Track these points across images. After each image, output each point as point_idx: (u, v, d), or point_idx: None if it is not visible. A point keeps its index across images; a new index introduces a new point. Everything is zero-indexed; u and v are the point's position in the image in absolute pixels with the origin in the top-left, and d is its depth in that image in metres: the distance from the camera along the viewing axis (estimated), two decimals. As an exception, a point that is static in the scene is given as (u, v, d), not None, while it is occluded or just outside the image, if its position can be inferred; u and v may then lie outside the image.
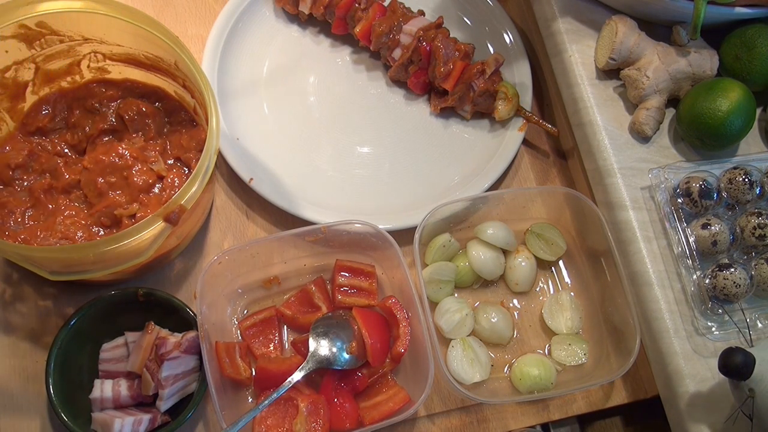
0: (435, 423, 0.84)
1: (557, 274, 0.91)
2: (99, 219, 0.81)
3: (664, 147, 0.88)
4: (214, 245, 0.88)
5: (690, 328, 0.80)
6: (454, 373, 0.81)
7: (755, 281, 0.80)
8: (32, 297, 0.83)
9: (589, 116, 0.88)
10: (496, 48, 1.00)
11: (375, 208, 0.91)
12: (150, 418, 0.75)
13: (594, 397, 0.86)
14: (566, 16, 0.92)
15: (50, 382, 0.74)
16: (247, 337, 0.82)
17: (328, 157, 0.94)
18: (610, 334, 0.85)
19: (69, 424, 0.73)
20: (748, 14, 0.86)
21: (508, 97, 0.93)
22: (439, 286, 0.86)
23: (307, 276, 0.87)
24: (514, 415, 0.85)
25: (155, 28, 0.75)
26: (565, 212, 0.91)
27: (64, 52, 0.82)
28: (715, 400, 0.76)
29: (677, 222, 0.82)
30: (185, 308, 0.79)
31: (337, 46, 1.00)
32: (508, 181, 0.96)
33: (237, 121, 0.92)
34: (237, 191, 0.91)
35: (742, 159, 0.87)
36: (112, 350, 0.79)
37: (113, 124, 0.86)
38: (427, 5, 1.02)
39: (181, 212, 0.69)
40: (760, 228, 0.81)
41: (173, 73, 0.82)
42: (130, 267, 0.72)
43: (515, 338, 0.87)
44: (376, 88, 0.99)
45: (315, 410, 0.75)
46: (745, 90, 0.83)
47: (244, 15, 0.97)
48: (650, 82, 0.86)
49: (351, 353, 0.79)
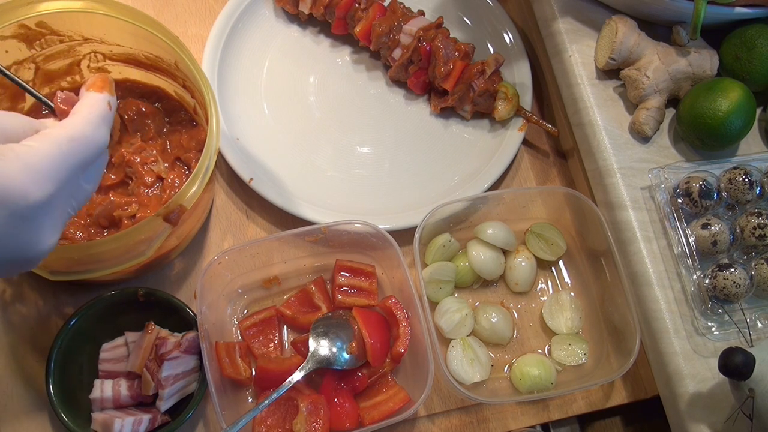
0: (435, 423, 0.84)
1: (557, 274, 0.91)
2: (98, 219, 0.81)
3: (664, 147, 0.88)
4: (214, 245, 0.88)
5: (690, 328, 0.80)
6: (454, 373, 0.81)
7: (755, 281, 0.80)
8: (32, 297, 0.83)
9: (589, 116, 0.88)
10: (496, 48, 1.00)
11: (375, 208, 0.91)
12: (150, 418, 0.75)
13: (594, 397, 0.86)
14: (566, 16, 0.92)
15: (50, 382, 0.75)
16: (247, 337, 0.82)
17: (328, 157, 0.94)
18: (610, 334, 0.85)
19: (69, 424, 0.73)
20: (748, 14, 0.86)
21: (508, 97, 0.93)
22: (439, 286, 0.86)
23: (307, 276, 0.87)
24: (514, 415, 0.85)
25: (155, 28, 0.75)
26: (565, 212, 0.91)
27: (64, 52, 0.82)
28: (715, 400, 0.76)
29: (677, 222, 0.82)
30: (185, 308, 0.79)
31: (337, 46, 1.00)
32: (508, 181, 0.96)
33: (237, 121, 0.92)
34: (237, 191, 0.92)
35: (742, 159, 0.87)
36: (112, 350, 0.79)
37: (113, 124, 0.86)
38: (427, 5, 1.02)
39: (181, 212, 0.69)
40: (760, 228, 0.81)
41: (173, 73, 0.82)
42: (130, 267, 0.72)
43: (515, 338, 0.87)
44: (376, 88, 0.99)
45: (315, 410, 0.75)
46: (745, 90, 0.83)
47: (244, 15, 0.97)
48: (650, 82, 0.86)
49: (351, 353, 0.79)
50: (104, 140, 0.55)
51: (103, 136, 0.55)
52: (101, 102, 0.56)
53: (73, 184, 0.53)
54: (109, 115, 0.56)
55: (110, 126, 0.56)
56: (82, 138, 0.53)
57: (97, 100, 0.55)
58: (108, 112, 0.56)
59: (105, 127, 0.55)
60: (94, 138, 0.54)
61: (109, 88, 0.57)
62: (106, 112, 0.56)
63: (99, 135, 0.54)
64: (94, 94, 0.56)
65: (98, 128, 0.54)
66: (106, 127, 0.55)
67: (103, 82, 0.57)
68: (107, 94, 0.56)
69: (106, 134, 0.55)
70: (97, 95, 0.56)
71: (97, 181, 0.57)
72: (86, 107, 0.55)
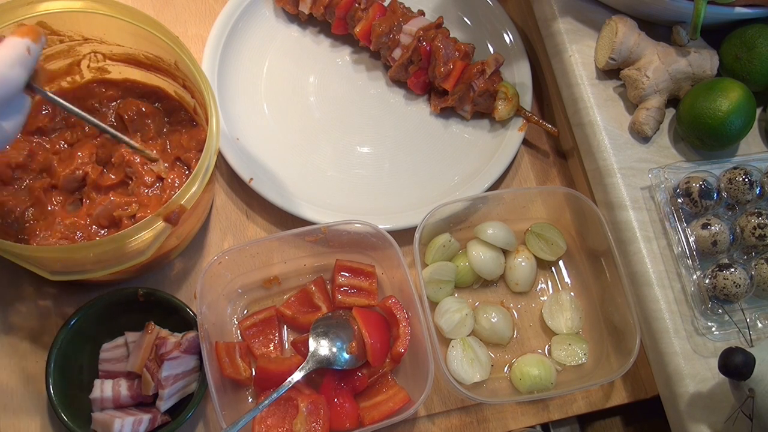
0: (435, 423, 0.84)
1: (557, 274, 0.91)
2: (98, 219, 0.81)
3: (664, 147, 0.88)
4: (214, 245, 0.88)
5: (690, 328, 0.80)
6: (454, 373, 0.81)
7: (755, 281, 0.80)
8: (32, 297, 0.83)
9: (589, 116, 0.88)
10: (496, 48, 1.00)
11: (375, 208, 0.91)
12: (150, 418, 0.75)
13: (594, 397, 0.86)
14: (566, 16, 0.92)
15: (50, 382, 0.75)
16: (247, 337, 0.82)
17: (328, 157, 0.94)
18: (610, 334, 0.85)
19: (69, 424, 0.73)
20: (748, 14, 0.86)
21: (508, 97, 0.93)
22: (439, 286, 0.86)
23: (307, 276, 0.87)
24: (514, 415, 0.85)
25: (155, 28, 0.75)
26: (565, 212, 0.91)
27: (64, 52, 0.82)
28: (715, 400, 0.76)
29: (677, 222, 0.82)
30: (185, 308, 0.79)
31: (337, 46, 1.00)
32: (508, 181, 0.96)
33: (237, 121, 0.92)
34: (237, 191, 0.92)
35: (742, 159, 0.87)
36: (112, 350, 0.79)
37: (113, 124, 0.86)
38: (427, 5, 1.02)
39: (181, 212, 0.70)
40: (760, 228, 0.81)
41: (173, 73, 0.82)
42: (130, 267, 0.72)
43: (515, 338, 0.87)
44: (376, 88, 0.99)
45: (315, 410, 0.75)
46: (745, 90, 0.83)
47: (244, 15, 0.97)
48: (650, 82, 0.86)
49: (351, 353, 0.79)
50: (18, 81, 0.58)
51: (17, 76, 0.58)
52: (20, 45, 0.59)
53: None
54: (28, 58, 0.59)
55: (28, 69, 0.60)
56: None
57: (16, 43, 0.59)
58: (26, 55, 0.59)
59: (21, 68, 0.59)
60: (7, 76, 0.57)
61: (33, 35, 0.60)
62: (23, 55, 0.59)
63: (13, 74, 0.58)
64: (14, 38, 0.59)
65: (12, 68, 0.58)
66: (22, 69, 0.59)
67: (27, 30, 0.60)
68: (28, 40, 0.60)
69: (22, 75, 0.59)
70: (17, 39, 0.59)
71: (16, 123, 0.60)
72: (4, 48, 0.58)
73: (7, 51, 0.58)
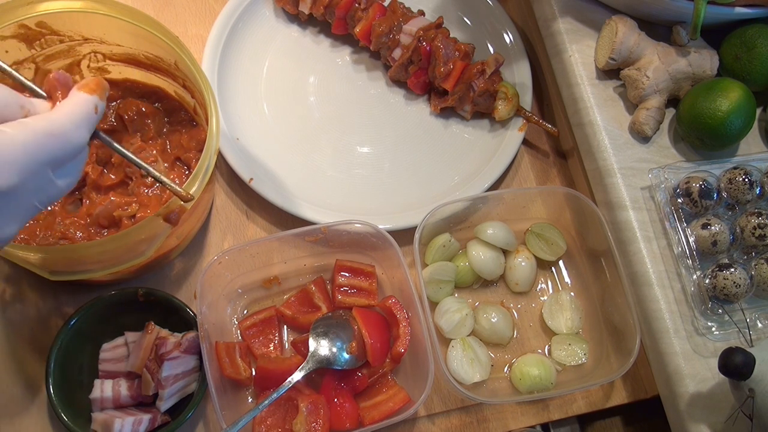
0: (435, 423, 0.84)
1: (557, 274, 0.91)
2: (98, 219, 0.81)
3: (664, 147, 0.88)
4: (214, 245, 0.88)
5: (690, 328, 0.80)
6: (454, 373, 0.81)
7: (755, 281, 0.80)
8: (32, 297, 0.83)
9: (589, 116, 0.88)
10: (496, 48, 1.00)
11: (375, 208, 0.91)
12: (150, 418, 0.75)
13: (594, 397, 0.86)
14: (566, 16, 0.92)
15: (50, 382, 0.75)
16: (247, 337, 0.82)
17: (328, 157, 0.94)
18: (610, 334, 0.85)
19: (69, 424, 0.73)
20: (748, 14, 0.86)
21: (508, 97, 0.93)
22: (439, 286, 0.86)
23: (307, 276, 0.87)
24: (514, 415, 0.85)
25: (155, 28, 0.75)
26: (565, 212, 0.91)
27: (64, 52, 0.82)
28: (715, 400, 0.76)
29: (677, 222, 0.82)
30: (185, 308, 0.79)
31: (337, 46, 1.00)
32: (508, 181, 0.96)
33: (237, 121, 0.92)
34: (237, 191, 0.92)
35: (742, 159, 0.87)
36: (112, 350, 0.79)
37: (113, 124, 0.86)
38: (427, 5, 1.02)
39: (181, 212, 0.69)
40: (760, 228, 0.81)
41: (173, 73, 0.82)
42: (130, 267, 0.72)
43: (515, 338, 0.87)
44: (376, 88, 0.99)
45: (315, 410, 0.75)
46: (745, 90, 0.83)
47: (244, 15, 0.97)
48: (650, 82, 0.86)
49: (351, 353, 0.79)
50: (82, 141, 0.55)
51: (82, 136, 0.54)
52: (88, 103, 0.55)
53: (43, 178, 0.52)
54: (94, 117, 0.56)
55: (92, 129, 0.56)
56: (61, 135, 0.53)
57: (84, 100, 0.55)
58: (93, 115, 0.55)
59: (86, 128, 0.55)
60: (72, 137, 0.53)
61: (100, 92, 0.57)
62: (91, 114, 0.55)
63: (78, 135, 0.54)
64: (83, 95, 0.56)
65: (79, 128, 0.54)
66: (87, 129, 0.55)
67: (95, 85, 0.57)
68: (96, 97, 0.56)
69: (86, 136, 0.55)
70: (86, 96, 0.55)
71: (72, 180, 0.56)
72: (72, 105, 0.54)
73: (74, 109, 0.54)
